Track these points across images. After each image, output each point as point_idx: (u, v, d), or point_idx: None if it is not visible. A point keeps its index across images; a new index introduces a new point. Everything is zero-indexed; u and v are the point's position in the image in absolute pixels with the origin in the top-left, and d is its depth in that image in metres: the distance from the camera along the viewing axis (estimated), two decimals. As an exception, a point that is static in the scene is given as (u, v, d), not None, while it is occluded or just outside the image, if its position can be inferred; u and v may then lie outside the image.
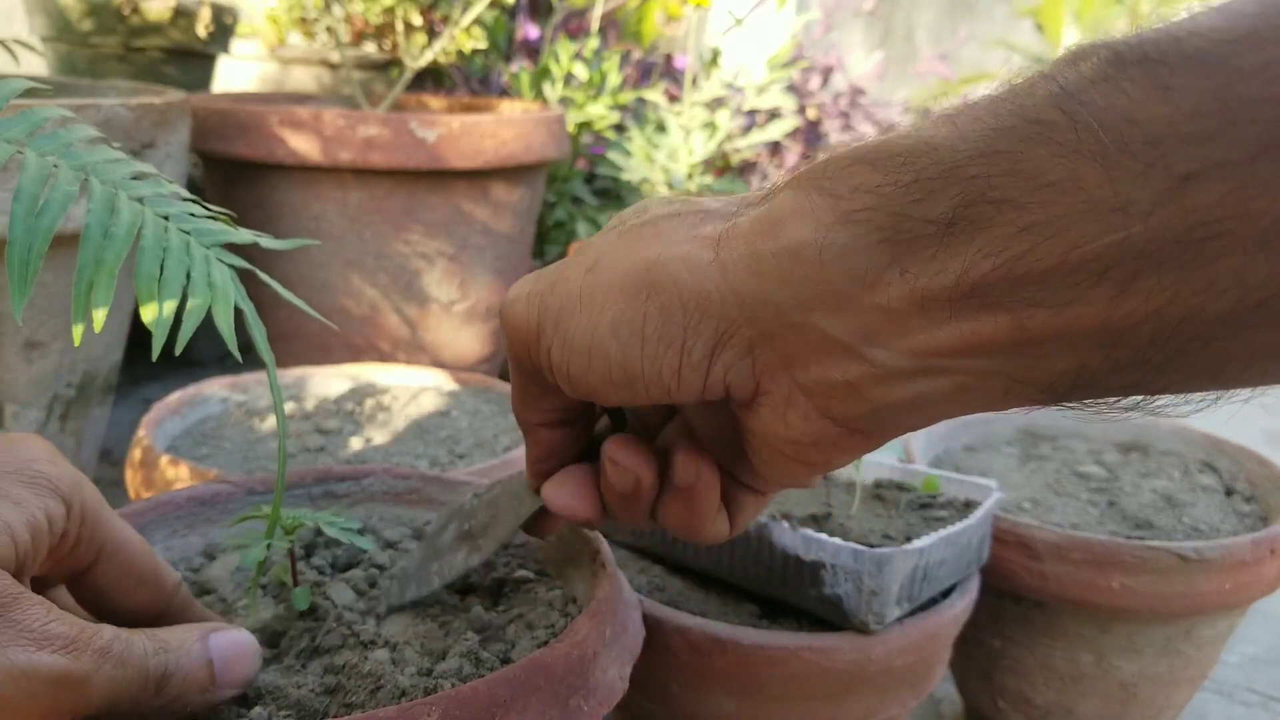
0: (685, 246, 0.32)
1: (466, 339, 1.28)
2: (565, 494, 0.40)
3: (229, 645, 0.36)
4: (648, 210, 0.35)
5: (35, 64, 1.57)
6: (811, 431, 0.32)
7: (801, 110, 1.89)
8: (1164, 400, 0.28)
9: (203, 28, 1.51)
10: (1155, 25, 0.25)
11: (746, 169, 1.83)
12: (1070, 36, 2.97)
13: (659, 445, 0.40)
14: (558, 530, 0.46)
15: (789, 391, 0.32)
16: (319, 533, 0.51)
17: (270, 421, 0.84)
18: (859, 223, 0.28)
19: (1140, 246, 0.24)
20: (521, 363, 0.37)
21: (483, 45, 1.57)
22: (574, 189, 1.70)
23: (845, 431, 0.32)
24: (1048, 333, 0.26)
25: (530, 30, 1.81)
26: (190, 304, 0.37)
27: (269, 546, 0.42)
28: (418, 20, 1.48)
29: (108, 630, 0.32)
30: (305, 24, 1.54)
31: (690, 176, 1.59)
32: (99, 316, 0.35)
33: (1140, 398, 0.28)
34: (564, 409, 0.39)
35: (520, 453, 0.73)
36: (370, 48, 1.73)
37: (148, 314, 0.36)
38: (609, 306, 0.33)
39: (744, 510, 0.40)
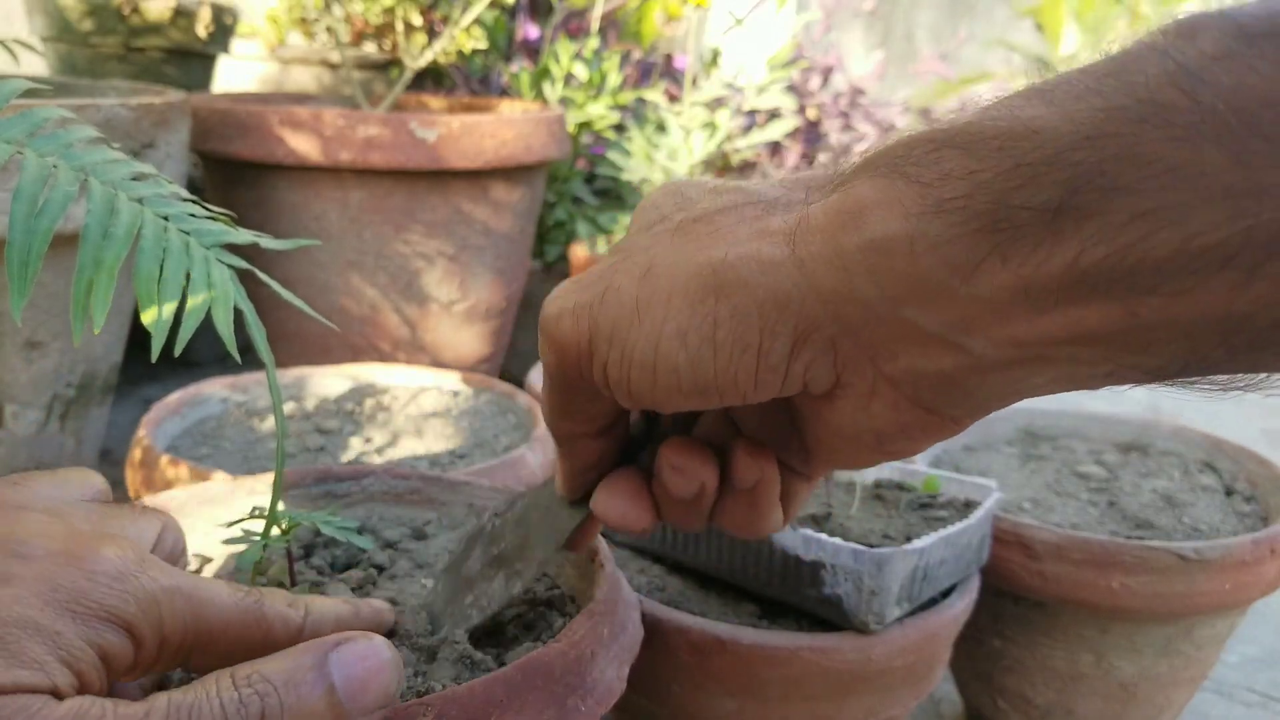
0: (754, 244, 0.30)
1: (466, 339, 1.28)
2: (619, 504, 0.37)
3: (355, 661, 0.31)
4: (694, 201, 0.33)
5: (35, 64, 1.57)
6: (899, 420, 0.30)
7: (801, 110, 1.89)
8: (1274, 379, 0.27)
9: (203, 28, 1.51)
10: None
11: (746, 169, 1.83)
12: (1070, 36, 2.97)
13: (700, 436, 0.38)
14: (593, 541, 0.43)
15: (873, 383, 0.30)
16: (318, 533, 0.51)
17: (270, 421, 0.84)
18: (953, 211, 0.26)
19: (1272, 232, 0.23)
20: (569, 378, 0.34)
21: (483, 45, 1.57)
22: (574, 189, 1.70)
23: (937, 418, 0.30)
24: (1161, 320, 0.25)
25: (530, 30, 1.81)
26: (190, 305, 0.37)
27: (265, 546, 0.42)
28: (418, 20, 1.48)
29: (160, 702, 0.28)
30: (305, 24, 1.54)
31: (690, 176, 1.59)
32: (98, 317, 0.35)
33: (1251, 377, 0.27)
34: (608, 417, 0.36)
35: (520, 454, 0.73)
36: (370, 48, 1.73)
37: (147, 315, 0.36)
38: (673, 314, 0.31)
39: (797, 498, 0.38)
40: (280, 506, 0.43)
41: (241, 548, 0.42)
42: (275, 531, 0.43)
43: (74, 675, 0.28)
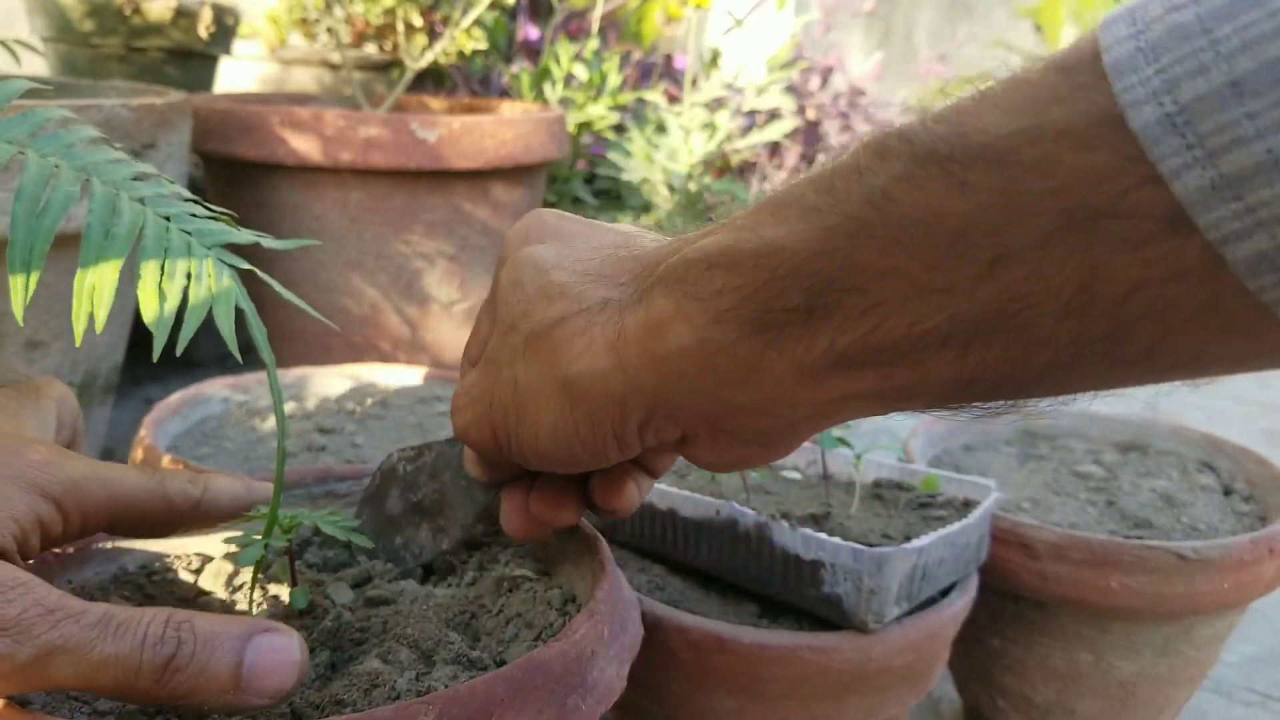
0: (587, 360, 0.36)
1: (466, 339, 1.28)
2: (514, 517, 0.46)
3: (266, 650, 0.34)
4: (532, 309, 0.39)
5: (36, 64, 1.57)
6: (739, 452, 0.38)
7: (801, 111, 1.89)
8: (1043, 403, 0.32)
9: (204, 28, 1.51)
10: (945, 109, 0.28)
11: (746, 169, 1.83)
12: (1069, 37, 2.97)
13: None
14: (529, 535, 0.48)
15: (712, 434, 0.37)
16: (317, 531, 0.51)
17: (271, 421, 0.84)
18: (729, 320, 0.32)
19: (968, 319, 0.28)
20: (492, 459, 0.44)
21: (483, 46, 1.57)
22: (574, 189, 1.71)
23: (770, 447, 0.38)
24: (911, 381, 0.31)
25: (530, 31, 1.81)
26: (191, 304, 0.37)
27: (266, 546, 0.42)
28: (418, 21, 1.48)
29: (95, 611, 0.32)
30: (306, 25, 1.54)
31: (690, 177, 1.59)
32: (100, 317, 0.35)
33: (1013, 403, 0.32)
34: (512, 467, 0.45)
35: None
36: (371, 48, 1.73)
37: (148, 314, 0.36)
38: (542, 419, 0.38)
39: (644, 486, 0.46)
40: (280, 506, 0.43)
41: (239, 547, 0.43)
42: (276, 531, 0.43)
43: (19, 531, 0.35)
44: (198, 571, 0.50)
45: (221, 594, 0.48)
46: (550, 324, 0.38)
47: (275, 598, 0.46)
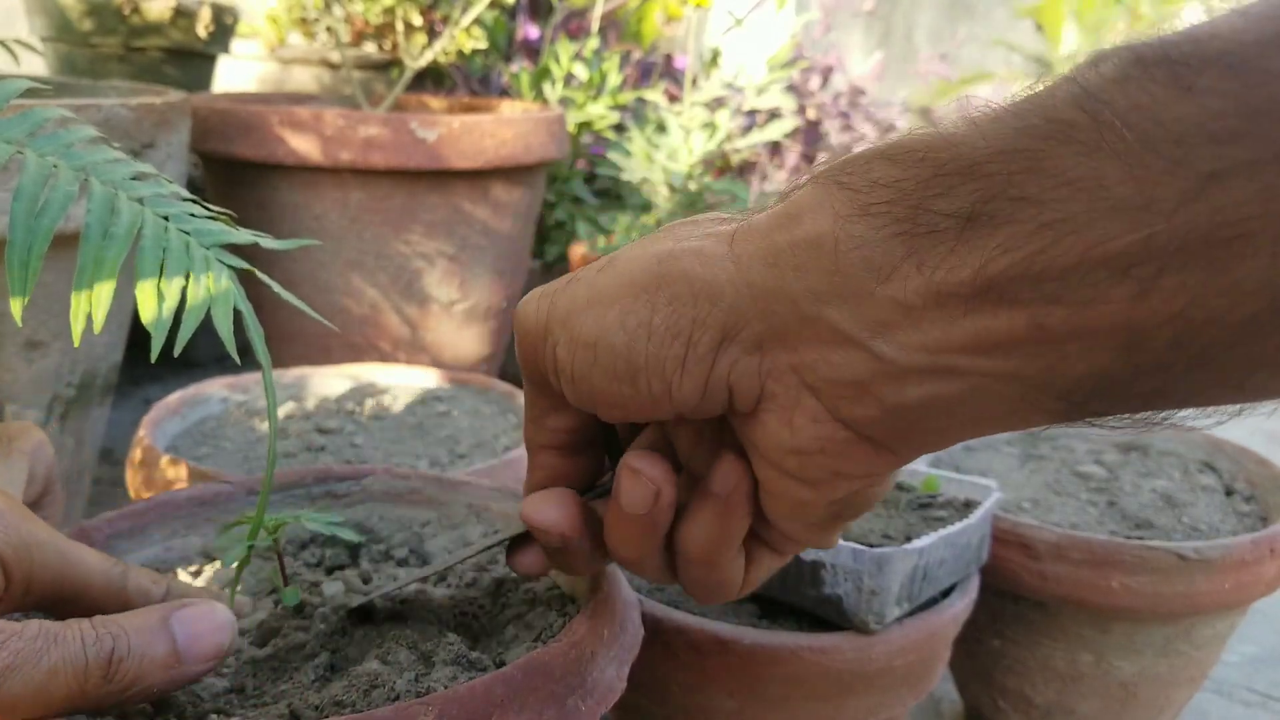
0: (700, 241, 0.32)
1: (467, 339, 1.28)
2: (546, 508, 0.38)
3: (194, 619, 0.35)
4: (667, 225, 0.36)
5: (35, 64, 1.57)
6: (819, 437, 0.31)
7: (801, 110, 1.89)
8: (1186, 413, 0.28)
9: (203, 28, 1.51)
10: (1177, 28, 0.25)
11: (746, 169, 1.83)
12: (1070, 36, 2.97)
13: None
14: (535, 570, 0.42)
15: (796, 393, 0.31)
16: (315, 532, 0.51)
17: (270, 421, 0.84)
18: (876, 215, 0.28)
19: (1164, 244, 0.24)
20: (530, 366, 0.37)
21: (483, 45, 1.57)
22: (574, 189, 1.70)
23: (855, 438, 0.31)
24: (1066, 331, 0.26)
25: (530, 30, 1.81)
26: (189, 305, 0.37)
27: (250, 548, 0.42)
28: (418, 20, 1.48)
29: (31, 626, 0.32)
30: (305, 24, 1.54)
31: (690, 176, 1.59)
32: (99, 317, 0.35)
33: (1160, 412, 0.28)
34: (570, 431, 0.38)
35: (520, 453, 0.73)
36: (370, 48, 1.73)
37: (146, 315, 0.36)
38: (619, 299, 0.33)
39: (759, 563, 0.37)
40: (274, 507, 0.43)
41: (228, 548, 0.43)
42: (263, 533, 0.43)
43: None
44: (196, 573, 0.50)
45: (220, 595, 0.48)
46: (680, 222, 0.35)
47: (271, 596, 0.46)
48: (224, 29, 1.57)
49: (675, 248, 0.32)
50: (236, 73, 1.91)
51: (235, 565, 0.42)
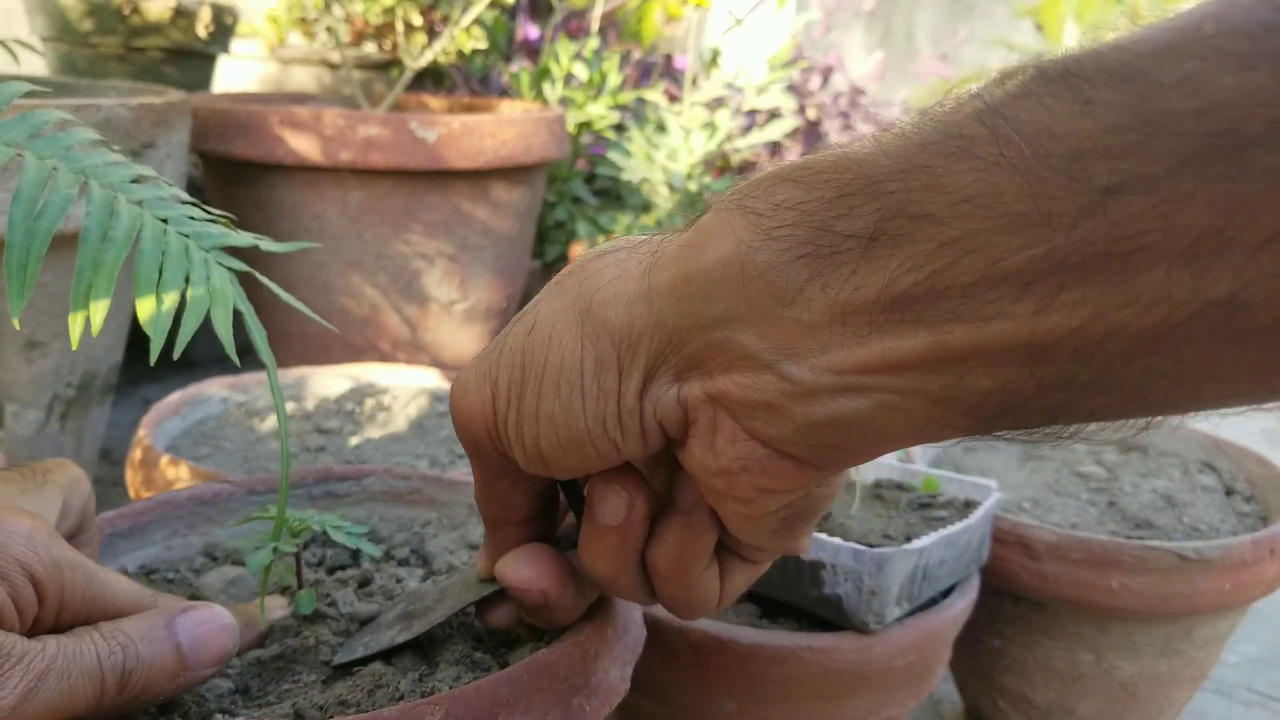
0: (615, 286, 0.32)
1: (466, 339, 1.28)
2: (522, 567, 0.38)
3: (197, 624, 0.36)
4: (580, 258, 0.35)
5: (35, 64, 1.57)
6: (739, 456, 0.31)
7: (801, 110, 1.89)
8: (1092, 428, 0.28)
9: (203, 28, 1.51)
10: (1088, 43, 0.25)
11: (746, 169, 1.83)
12: (1070, 36, 2.97)
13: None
14: (509, 624, 0.42)
15: (713, 416, 0.31)
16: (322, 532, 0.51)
17: (270, 422, 0.84)
18: (780, 239, 0.28)
19: (1063, 259, 0.24)
20: (482, 451, 0.36)
21: (483, 45, 1.57)
22: (574, 189, 1.70)
23: (774, 454, 0.31)
24: (968, 348, 0.26)
25: (530, 30, 1.81)
26: (188, 307, 0.37)
27: (275, 550, 0.42)
28: (418, 20, 1.48)
29: (50, 645, 0.32)
30: (305, 24, 1.54)
31: (690, 176, 1.59)
32: (98, 318, 0.35)
33: (1068, 427, 0.28)
34: (531, 499, 0.38)
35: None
36: (370, 48, 1.73)
37: (145, 317, 0.36)
38: (550, 363, 0.33)
39: (733, 575, 0.38)
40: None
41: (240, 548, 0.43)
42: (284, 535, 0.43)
43: None
44: (197, 573, 0.50)
45: (223, 595, 0.48)
46: (588, 260, 0.34)
47: (283, 596, 0.46)
48: (224, 29, 1.57)
49: (594, 298, 0.32)
50: (236, 73, 1.91)
51: (262, 569, 0.42)
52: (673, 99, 1.82)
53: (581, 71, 1.69)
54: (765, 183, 0.30)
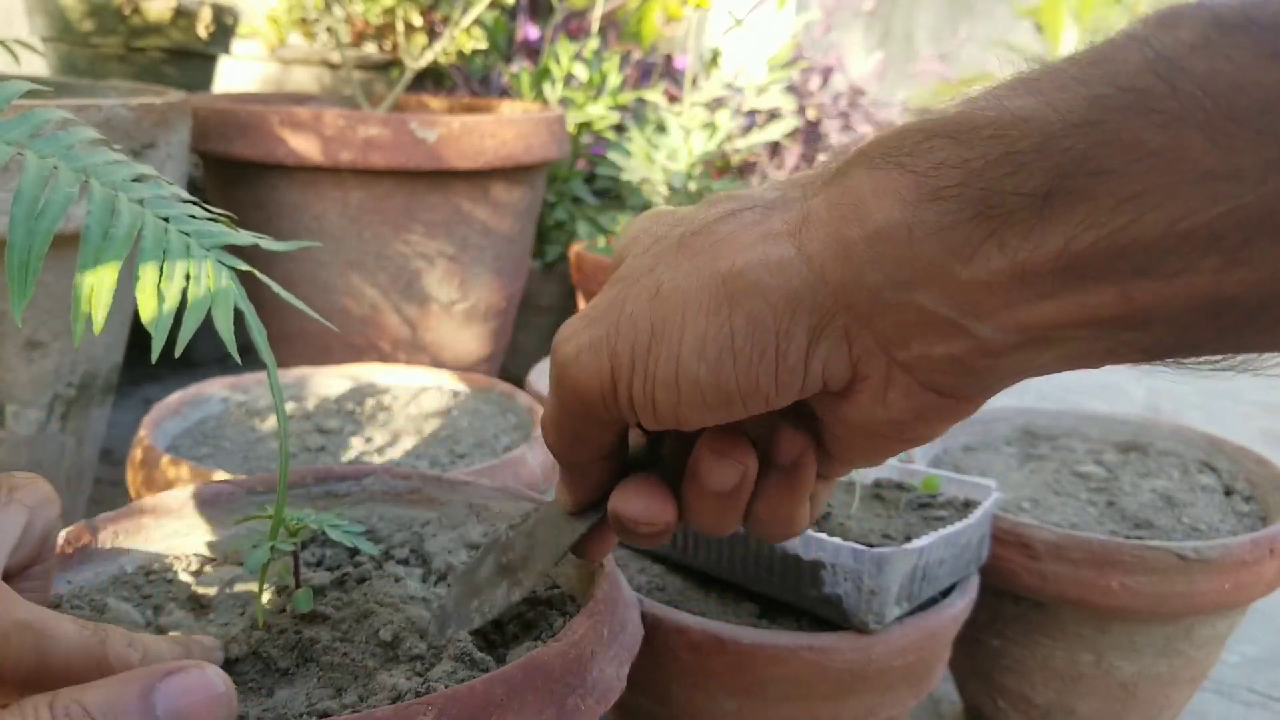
0: (760, 248, 0.31)
1: (467, 339, 1.28)
2: (640, 501, 0.37)
3: (182, 694, 0.30)
4: (690, 217, 0.33)
5: (36, 64, 1.57)
6: (914, 407, 0.31)
7: (801, 110, 1.89)
8: (1271, 359, 0.28)
9: (203, 28, 1.51)
10: None
11: (746, 169, 1.83)
12: (1070, 37, 2.97)
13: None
14: (609, 552, 0.43)
15: (888, 371, 0.31)
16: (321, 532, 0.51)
17: (270, 422, 0.84)
18: (948, 199, 0.27)
19: (1251, 215, 0.24)
20: (592, 411, 0.34)
21: (483, 46, 1.57)
22: (574, 189, 1.70)
23: (950, 400, 0.31)
24: (1155, 302, 0.26)
25: (530, 31, 1.81)
26: (189, 306, 0.37)
27: (273, 549, 0.42)
28: (418, 21, 1.48)
29: None
30: (306, 24, 1.54)
31: (690, 176, 1.59)
32: (99, 318, 0.35)
33: (1243, 355, 0.28)
34: (615, 442, 0.37)
35: (520, 454, 0.73)
36: (371, 48, 1.73)
37: (146, 316, 0.36)
38: (689, 330, 0.31)
39: (818, 498, 0.38)
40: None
41: (244, 547, 0.43)
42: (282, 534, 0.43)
43: None
44: (197, 573, 0.50)
45: (220, 596, 0.48)
46: (713, 220, 0.32)
47: (281, 596, 0.46)
48: (224, 29, 1.58)
49: (737, 263, 0.31)
50: (237, 73, 1.92)
51: (259, 568, 0.42)
52: (673, 99, 1.82)
53: (581, 72, 1.69)
54: (919, 136, 0.28)
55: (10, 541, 0.35)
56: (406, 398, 0.90)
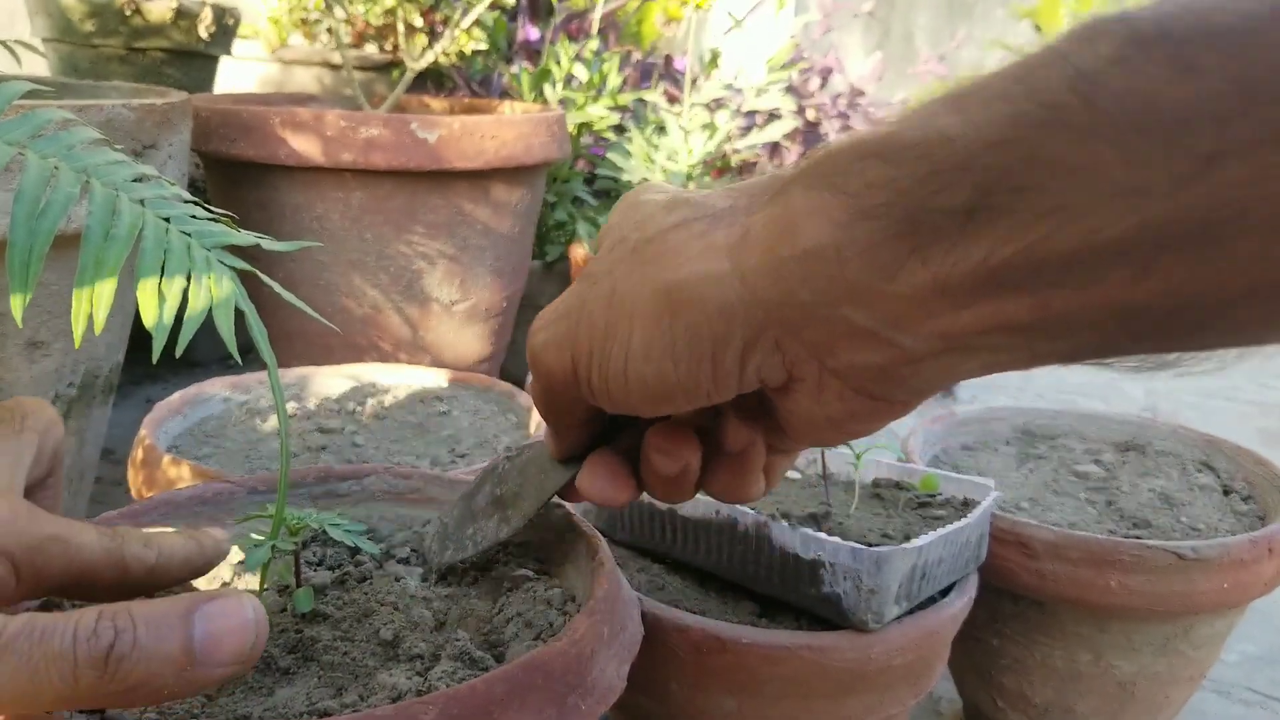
0: (700, 263, 0.33)
1: (467, 339, 1.28)
2: (600, 483, 0.41)
3: (216, 616, 0.32)
4: (649, 220, 0.35)
5: (37, 65, 1.57)
6: (848, 409, 0.33)
7: (801, 111, 1.89)
8: (1179, 357, 0.29)
9: (204, 29, 1.51)
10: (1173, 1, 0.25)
11: (746, 170, 1.83)
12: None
13: (682, 420, 0.41)
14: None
15: (820, 376, 0.33)
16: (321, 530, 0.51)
17: (272, 421, 0.84)
18: (875, 218, 0.28)
19: (1160, 228, 0.24)
20: (558, 394, 0.39)
21: (483, 46, 1.58)
22: (574, 189, 1.71)
23: (883, 403, 0.33)
24: (1070, 310, 0.27)
25: (530, 31, 1.81)
26: (190, 306, 0.37)
27: (273, 548, 0.42)
28: (419, 21, 1.48)
29: (12, 624, 0.30)
30: (307, 25, 1.54)
31: (690, 177, 1.59)
32: (100, 318, 0.35)
33: (1161, 356, 0.29)
34: (591, 413, 0.40)
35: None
36: (371, 49, 1.73)
37: (147, 316, 0.36)
38: (636, 333, 0.34)
39: (776, 468, 0.41)
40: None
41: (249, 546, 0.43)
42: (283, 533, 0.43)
43: None
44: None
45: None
46: (666, 229, 0.35)
47: (281, 596, 0.47)
48: (225, 30, 1.58)
49: (679, 276, 0.33)
50: (238, 74, 1.92)
51: (260, 567, 0.42)
52: (672, 100, 1.82)
53: (582, 72, 1.69)
54: (851, 156, 0.30)
55: (28, 463, 0.39)
56: (407, 397, 0.90)
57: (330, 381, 0.92)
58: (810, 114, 1.90)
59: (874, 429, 0.35)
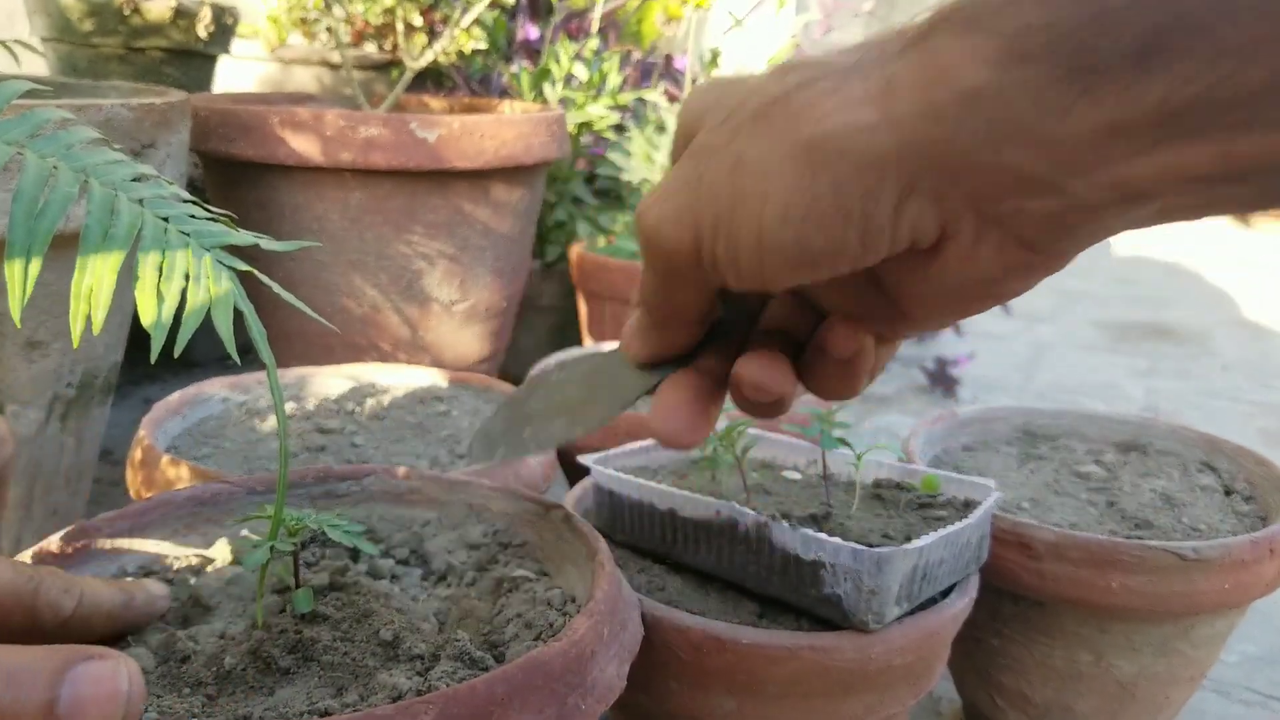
0: (843, 115, 0.30)
1: (467, 339, 1.28)
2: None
3: (89, 683, 0.30)
4: (761, 88, 0.33)
5: (36, 64, 1.57)
6: (1004, 263, 0.31)
7: (801, 110, 1.89)
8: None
9: (203, 28, 1.51)
10: None
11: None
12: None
13: (776, 322, 0.40)
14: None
15: (978, 228, 0.31)
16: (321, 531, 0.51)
17: (271, 421, 0.84)
18: (1038, 58, 0.27)
19: None
20: (678, 273, 0.36)
21: (483, 46, 1.57)
22: (574, 189, 1.71)
23: (1041, 257, 0.31)
24: (1256, 154, 0.25)
25: (530, 31, 1.81)
26: (189, 306, 0.37)
27: (272, 549, 0.42)
28: (418, 21, 1.48)
29: None
30: (306, 24, 1.54)
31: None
32: (98, 317, 0.35)
33: None
34: (707, 303, 0.38)
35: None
36: (371, 48, 1.73)
37: (146, 316, 0.36)
38: (771, 198, 0.31)
39: (881, 362, 0.39)
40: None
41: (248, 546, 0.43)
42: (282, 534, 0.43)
43: None
44: (197, 573, 0.50)
45: (222, 595, 0.48)
46: (791, 89, 0.32)
47: (280, 598, 0.46)
48: (224, 29, 1.58)
49: (818, 130, 0.30)
50: (237, 73, 1.92)
51: (259, 568, 0.42)
52: (673, 99, 1.82)
53: (581, 72, 1.69)
54: (997, 3, 0.28)
55: None
56: (407, 398, 0.90)
57: (329, 382, 0.92)
58: (810, 113, 1.89)
59: (1023, 288, 0.33)
